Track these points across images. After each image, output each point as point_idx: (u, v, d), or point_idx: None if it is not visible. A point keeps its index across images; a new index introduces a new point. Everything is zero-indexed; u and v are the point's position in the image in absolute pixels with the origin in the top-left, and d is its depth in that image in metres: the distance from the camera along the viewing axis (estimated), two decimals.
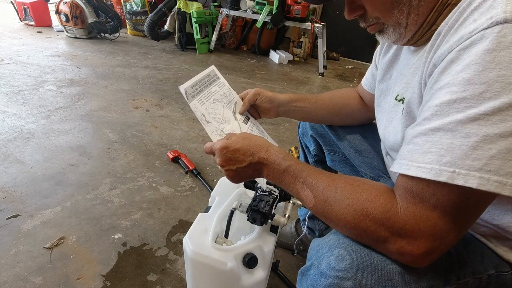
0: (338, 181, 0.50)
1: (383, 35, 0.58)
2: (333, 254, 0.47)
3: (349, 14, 0.56)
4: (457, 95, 0.40)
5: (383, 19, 0.54)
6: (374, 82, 0.81)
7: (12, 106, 1.94)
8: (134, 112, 2.09)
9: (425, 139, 0.42)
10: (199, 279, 0.73)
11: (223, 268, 0.65)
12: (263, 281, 0.71)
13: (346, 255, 0.46)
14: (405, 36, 0.55)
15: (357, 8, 0.55)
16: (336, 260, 0.46)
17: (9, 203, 1.21)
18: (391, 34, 0.56)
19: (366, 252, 0.47)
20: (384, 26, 0.56)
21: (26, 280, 0.94)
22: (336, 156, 0.96)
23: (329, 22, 4.09)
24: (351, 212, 0.46)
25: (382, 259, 0.46)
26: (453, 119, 0.40)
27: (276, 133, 2.05)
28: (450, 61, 0.43)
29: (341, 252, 0.47)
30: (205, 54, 3.82)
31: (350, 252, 0.46)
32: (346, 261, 0.46)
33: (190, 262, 0.69)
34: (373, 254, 0.46)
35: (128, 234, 1.14)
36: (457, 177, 0.39)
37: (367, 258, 0.46)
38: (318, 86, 3.24)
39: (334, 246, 0.48)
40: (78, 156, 1.55)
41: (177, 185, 1.44)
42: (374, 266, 0.45)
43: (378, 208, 0.45)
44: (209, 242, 0.68)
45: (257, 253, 0.69)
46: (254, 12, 3.57)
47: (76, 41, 3.62)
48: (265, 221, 0.71)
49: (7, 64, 2.62)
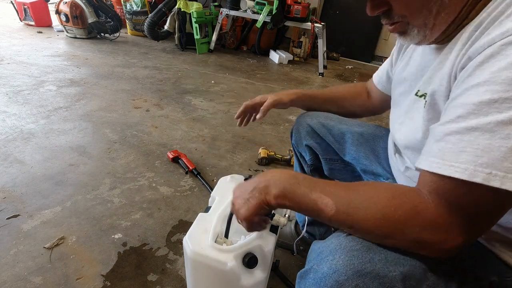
0: (357, 185, 0.50)
1: (406, 36, 0.55)
2: (334, 258, 0.46)
3: (372, 10, 0.53)
4: (499, 95, 0.39)
5: (409, 18, 0.51)
6: (388, 83, 0.80)
7: (12, 106, 1.94)
8: (134, 112, 2.09)
9: (459, 138, 0.41)
10: (199, 279, 0.72)
11: (223, 268, 0.65)
12: (263, 281, 0.71)
13: (347, 260, 0.45)
14: (430, 37, 0.53)
15: (381, 4, 0.52)
16: (337, 265, 0.45)
17: (9, 203, 1.21)
18: (414, 35, 0.53)
19: (368, 258, 0.46)
20: (408, 27, 0.53)
21: (26, 280, 0.94)
22: (335, 164, 0.93)
23: (329, 22, 4.09)
24: (380, 211, 0.45)
25: (384, 265, 0.45)
26: (493, 119, 0.39)
27: (276, 133, 2.05)
28: (490, 55, 0.41)
29: (342, 256, 0.46)
30: (205, 54, 3.82)
31: (351, 257, 0.45)
32: (347, 267, 0.45)
33: (190, 262, 0.69)
34: (375, 260, 0.45)
35: (128, 234, 1.14)
36: (493, 178, 0.38)
37: (368, 264, 0.45)
38: (318, 86, 3.24)
39: (335, 250, 0.47)
40: (78, 156, 1.55)
41: (177, 185, 1.44)
42: (375, 272, 0.44)
43: (407, 204, 0.44)
44: (209, 242, 0.68)
45: (257, 253, 0.69)
46: (254, 12, 3.57)
47: (76, 41, 3.62)
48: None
49: (7, 64, 2.62)
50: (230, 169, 1.61)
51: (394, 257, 0.47)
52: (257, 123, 2.15)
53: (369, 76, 0.93)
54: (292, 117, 2.29)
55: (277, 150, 1.81)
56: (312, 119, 0.93)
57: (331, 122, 0.91)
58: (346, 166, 0.92)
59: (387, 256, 0.46)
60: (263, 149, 1.71)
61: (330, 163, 0.94)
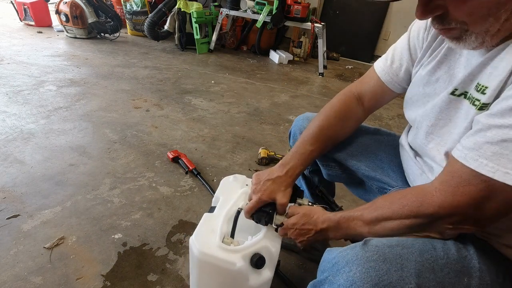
0: (377, 201, 0.59)
1: (459, 42, 0.51)
2: (351, 270, 0.46)
3: (423, 14, 0.49)
4: None
5: (470, 26, 0.47)
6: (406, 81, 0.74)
7: (12, 106, 1.94)
8: (134, 112, 2.09)
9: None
10: (205, 279, 0.72)
11: (231, 268, 0.65)
12: (269, 281, 0.71)
13: (364, 273, 0.45)
14: (489, 44, 0.49)
15: (435, 8, 0.48)
16: (354, 277, 0.45)
17: (9, 203, 1.21)
18: (471, 42, 0.49)
19: (385, 269, 0.46)
20: (466, 33, 0.49)
21: (26, 280, 0.94)
22: (332, 170, 0.91)
23: (329, 22, 4.09)
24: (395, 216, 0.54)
25: (400, 277, 0.46)
26: None
27: (276, 133, 2.05)
28: None
29: (359, 269, 0.46)
30: (205, 54, 3.82)
31: (368, 270, 0.46)
32: (364, 279, 0.45)
33: (196, 262, 0.69)
34: (391, 272, 0.46)
35: (128, 234, 1.14)
36: None
37: (385, 277, 0.45)
38: (318, 86, 3.25)
39: (351, 262, 0.48)
40: (78, 156, 1.55)
41: (177, 185, 1.44)
42: (393, 285, 0.45)
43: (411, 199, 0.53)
44: (216, 242, 0.68)
45: (264, 253, 0.69)
46: (254, 12, 3.57)
47: (76, 41, 3.62)
48: (269, 221, 0.72)
49: (7, 64, 2.62)
50: (230, 169, 1.61)
51: (409, 267, 0.47)
52: (257, 123, 2.15)
53: None
54: (292, 117, 2.29)
55: (277, 150, 1.81)
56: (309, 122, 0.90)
57: None
58: (343, 172, 0.89)
59: (403, 266, 0.47)
60: (263, 149, 1.71)
61: (328, 169, 0.92)
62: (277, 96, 2.73)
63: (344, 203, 1.45)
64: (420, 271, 0.47)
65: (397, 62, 0.74)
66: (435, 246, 0.52)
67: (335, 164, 0.90)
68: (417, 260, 0.49)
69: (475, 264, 0.51)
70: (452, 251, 0.52)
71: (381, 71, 0.78)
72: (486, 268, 0.52)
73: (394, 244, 0.51)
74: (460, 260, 0.51)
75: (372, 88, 0.80)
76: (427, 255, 0.50)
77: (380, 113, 2.65)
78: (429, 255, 0.50)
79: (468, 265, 0.51)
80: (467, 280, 0.50)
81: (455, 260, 0.51)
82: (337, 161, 0.88)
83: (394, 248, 0.50)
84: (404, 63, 0.73)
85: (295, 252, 1.14)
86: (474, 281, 0.50)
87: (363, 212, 0.60)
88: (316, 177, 1.01)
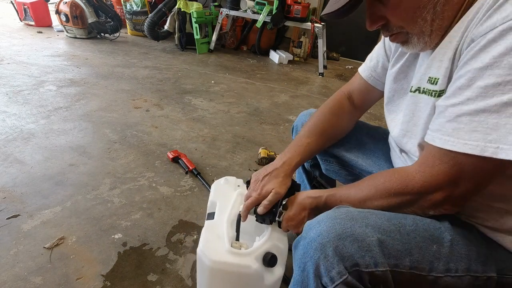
0: (361, 183, 0.63)
1: (408, 45, 0.58)
2: (320, 225, 0.52)
3: (371, 25, 0.57)
4: (502, 78, 0.44)
5: (407, 28, 0.55)
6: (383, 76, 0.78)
7: (12, 106, 1.94)
8: (134, 112, 2.09)
9: (470, 119, 0.47)
10: (219, 287, 0.71)
11: (247, 271, 0.65)
12: (281, 277, 0.71)
13: (331, 226, 0.51)
14: (430, 43, 0.56)
15: (378, 19, 0.56)
16: (321, 230, 0.51)
17: (9, 203, 1.21)
18: (415, 43, 0.57)
19: (349, 224, 0.51)
20: (409, 36, 0.56)
21: (26, 280, 0.94)
22: (331, 165, 0.94)
23: (329, 22, 4.09)
24: (379, 195, 0.58)
25: (363, 231, 0.50)
26: (498, 101, 0.44)
27: (276, 133, 2.05)
28: (492, 40, 0.45)
29: (327, 223, 0.52)
30: (205, 54, 3.82)
31: (334, 224, 0.51)
32: (329, 231, 0.51)
33: (208, 272, 0.68)
34: (356, 226, 0.51)
35: (128, 234, 1.14)
36: (500, 151, 0.44)
37: (349, 229, 0.50)
38: (318, 86, 3.24)
39: (322, 220, 0.54)
40: (78, 156, 1.55)
41: (177, 185, 1.44)
42: (355, 236, 0.50)
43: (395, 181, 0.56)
44: (226, 248, 0.67)
45: (275, 251, 0.69)
46: (254, 12, 3.57)
47: (76, 41, 3.62)
48: (273, 219, 0.72)
49: (7, 64, 2.62)
50: (230, 169, 1.61)
51: (374, 226, 0.52)
52: (257, 123, 2.15)
53: None
54: (292, 117, 2.29)
55: (277, 150, 1.81)
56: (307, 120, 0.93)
57: None
58: (341, 168, 0.92)
59: (368, 224, 0.51)
60: (263, 149, 1.71)
61: (326, 164, 0.95)
62: (277, 96, 2.73)
63: None
64: (384, 231, 0.52)
65: (374, 59, 0.81)
66: (406, 216, 0.55)
67: (334, 159, 0.92)
68: (384, 223, 0.53)
69: (446, 236, 0.53)
70: (423, 222, 0.55)
71: (362, 69, 0.84)
72: (458, 242, 0.53)
73: (366, 211, 0.55)
74: (430, 230, 0.54)
75: (358, 86, 0.86)
76: (395, 221, 0.54)
77: (380, 113, 2.65)
78: (397, 221, 0.54)
79: (439, 235, 0.53)
80: (436, 247, 0.52)
81: (424, 229, 0.54)
82: (336, 156, 0.91)
83: (363, 212, 0.55)
84: (380, 59, 0.79)
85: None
86: (444, 249, 0.52)
87: (349, 193, 0.63)
88: (316, 171, 1.03)
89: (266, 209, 0.71)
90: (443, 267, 0.51)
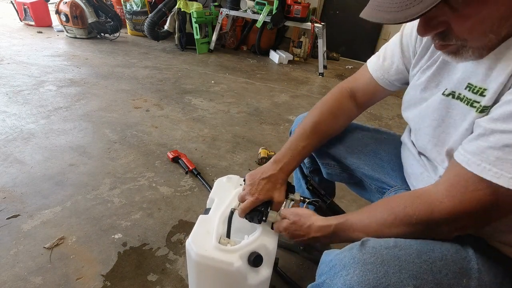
0: (378, 208, 0.58)
1: (456, 56, 0.51)
2: (348, 274, 0.46)
3: (425, 31, 0.49)
4: None
5: (469, 42, 0.47)
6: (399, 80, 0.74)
7: (12, 106, 1.94)
8: (134, 112, 2.09)
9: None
10: (204, 281, 0.72)
11: (229, 268, 0.65)
12: (268, 279, 0.71)
13: (362, 276, 0.45)
14: (484, 55, 0.49)
15: (438, 24, 0.47)
16: (351, 280, 0.45)
17: (9, 203, 1.21)
18: (468, 56, 0.50)
19: (382, 272, 0.46)
20: (464, 49, 0.49)
21: (26, 280, 0.94)
22: (332, 169, 0.91)
23: (329, 22, 4.09)
24: (399, 223, 0.54)
25: (398, 280, 0.45)
26: None
27: (276, 133, 2.05)
28: None
29: (357, 272, 0.46)
30: (205, 54, 3.82)
31: (366, 273, 0.45)
32: (362, 283, 0.44)
33: (194, 265, 0.69)
34: (389, 275, 0.46)
35: (128, 234, 1.14)
36: None
37: (383, 279, 0.45)
38: (318, 86, 3.24)
39: (349, 265, 0.47)
40: (78, 156, 1.55)
41: (177, 185, 1.44)
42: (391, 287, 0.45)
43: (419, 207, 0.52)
44: (213, 244, 0.68)
45: (262, 251, 0.69)
46: (254, 12, 3.57)
47: (76, 41, 3.62)
48: (261, 219, 0.72)
49: (7, 64, 2.62)
50: (230, 169, 1.61)
51: (407, 269, 0.47)
52: (257, 123, 2.15)
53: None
54: (292, 117, 2.29)
55: (277, 150, 1.80)
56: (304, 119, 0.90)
57: None
58: (343, 171, 0.89)
59: (401, 268, 0.47)
60: (263, 149, 1.71)
61: (327, 168, 0.92)
62: (277, 96, 2.73)
63: (344, 203, 1.45)
64: (418, 273, 0.47)
65: (388, 59, 0.74)
66: (433, 248, 0.52)
67: (335, 163, 0.89)
68: (415, 261, 0.48)
69: (473, 265, 0.51)
70: (450, 252, 0.52)
71: (373, 68, 0.78)
72: (485, 270, 0.51)
73: (392, 246, 0.51)
74: (459, 261, 0.51)
75: (364, 85, 0.80)
76: (425, 256, 0.50)
77: (380, 113, 2.65)
78: (427, 256, 0.50)
79: (467, 266, 0.51)
80: (465, 282, 0.49)
81: (453, 261, 0.50)
82: (337, 160, 0.88)
83: (391, 249, 0.50)
84: (395, 60, 0.73)
85: (295, 252, 1.14)
86: (473, 282, 0.49)
87: (361, 219, 0.58)
88: (316, 177, 1.01)
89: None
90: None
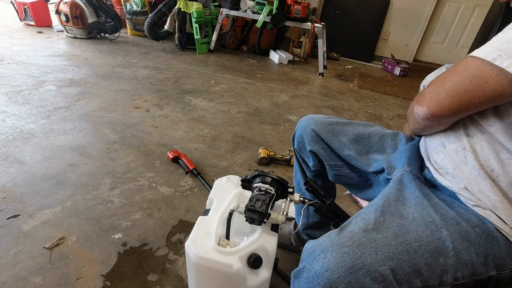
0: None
1: None
2: (326, 256, 0.48)
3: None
4: None
5: None
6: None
7: (12, 106, 1.94)
8: (134, 112, 2.09)
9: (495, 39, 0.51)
10: (203, 283, 0.72)
11: (228, 270, 0.65)
12: (267, 280, 0.71)
13: (339, 258, 0.47)
14: None
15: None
16: (329, 263, 0.47)
17: (9, 203, 1.21)
18: None
19: (358, 253, 0.47)
20: None
21: (26, 280, 0.94)
22: (341, 169, 0.89)
23: (329, 22, 4.09)
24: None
25: (375, 260, 0.47)
26: None
27: (276, 133, 2.05)
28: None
29: (334, 254, 0.47)
30: (205, 54, 3.82)
31: (342, 255, 0.47)
32: (338, 264, 0.46)
33: (193, 266, 0.68)
34: (366, 256, 0.47)
35: (128, 234, 1.14)
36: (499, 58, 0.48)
37: (360, 260, 0.47)
38: (318, 86, 3.24)
39: (326, 249, 0.49)
40: (78, 156, 1.55)
41: (177, 185, 1.44)
42: (367, 268, 0.46)
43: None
44: (212, 245, 0.68)
45: (261, 253, 0.69)
46: (254, 12, 3.56)
47: (76, 41, 3.62)
48: (262, 220, 0.71)
49: (7, 64, 2.62)
50: (230, 169, 1.61)
51: (383, 251, 0.48)
52: (257, 123, 2.15)
53: (369, 76, 0.87)
54: (292, 117, 2.29)
55: (277, 150, 1.81)
56: (316, 124, 0.89)
57: (337, 127, 0.87)
58: (352, 170, 0.87)
59: (377, 250, 0.48)
60: (263, 149, 1.71)
61: (335, 169, 0.89)
62: (277, 96, 2.73)
63: (344, 204, 1.45)
64: (394, 254, 0.49)
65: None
66: (409, 230, 0.53)
67: (343, 163, 0.87)
68: (392, 243, 0.50)
69: (449, 244, 0.52)
70: (425, 234, 0.52)
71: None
72: (463, 248, 0.52)
73: (370, 228, 0.52)
74: (433, 241, 0.52)
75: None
76: (402, 238, 0.51)
77: (380, 113, 2.65)
78: (403, 238, 0.51)
79: (442, 246, 0.51)
80: (443, 260, 0.50)
81: (428, 241, 0.52)
82: (344, 160, 0.86)
83: (369, 233, 0.51)
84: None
85: (295, 252, 1.14)
86: (450, 260, 0.50)
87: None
88: (319, 181, 0.99)
89: None
90: (451, 279, 0.50)
